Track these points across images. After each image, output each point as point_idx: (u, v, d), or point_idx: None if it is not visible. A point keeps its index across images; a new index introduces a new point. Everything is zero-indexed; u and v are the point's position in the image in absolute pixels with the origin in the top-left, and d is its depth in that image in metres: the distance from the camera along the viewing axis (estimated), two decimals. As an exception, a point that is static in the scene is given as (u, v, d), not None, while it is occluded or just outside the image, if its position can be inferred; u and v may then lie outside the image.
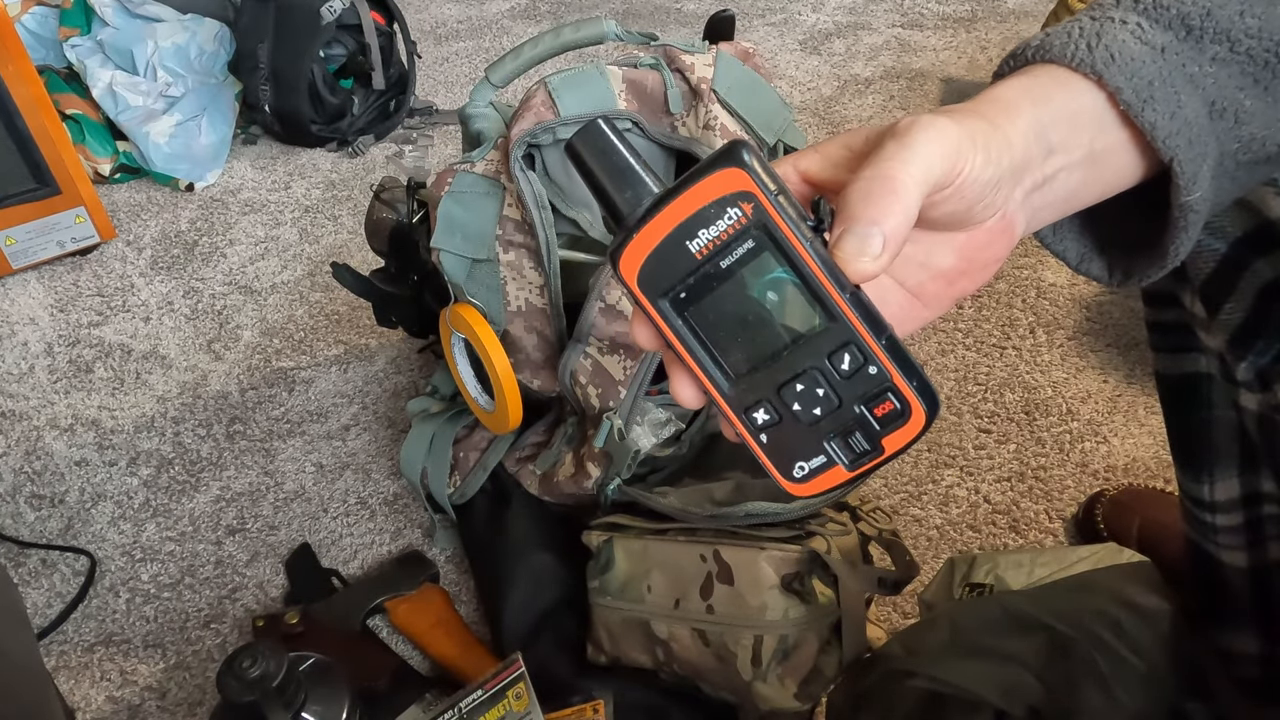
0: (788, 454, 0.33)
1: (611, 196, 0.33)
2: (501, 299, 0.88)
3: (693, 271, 0.32)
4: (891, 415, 0.32)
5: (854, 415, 0.32)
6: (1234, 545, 0.64)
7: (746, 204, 0.31)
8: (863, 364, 0.31)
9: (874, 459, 0.33)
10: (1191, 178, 0.35)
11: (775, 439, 0.33)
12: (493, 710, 0.75)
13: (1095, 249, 0.42)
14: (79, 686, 0.94)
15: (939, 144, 0.31)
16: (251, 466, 1.15)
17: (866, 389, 0.32)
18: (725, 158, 0.31)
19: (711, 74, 0.88)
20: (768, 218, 0.31)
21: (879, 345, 0.31)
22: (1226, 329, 0.52)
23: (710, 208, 0.31)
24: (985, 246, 0.35)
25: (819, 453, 0.33)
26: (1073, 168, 0.35)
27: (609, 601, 0.82)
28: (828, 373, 0.32)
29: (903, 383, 0.32)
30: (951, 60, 1.95)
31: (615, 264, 0.33)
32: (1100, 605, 0.68)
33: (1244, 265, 0.50)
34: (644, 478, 0.91)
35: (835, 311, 0.31)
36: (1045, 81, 0.35)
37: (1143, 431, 1.12)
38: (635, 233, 0.32)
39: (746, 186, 0.31)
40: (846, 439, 0.33)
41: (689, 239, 0.31)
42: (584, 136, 0.33)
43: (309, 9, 1.63)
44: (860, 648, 0.76)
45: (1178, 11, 0.36)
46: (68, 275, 1.48)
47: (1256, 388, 0.53)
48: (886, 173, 0.31)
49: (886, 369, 0.32)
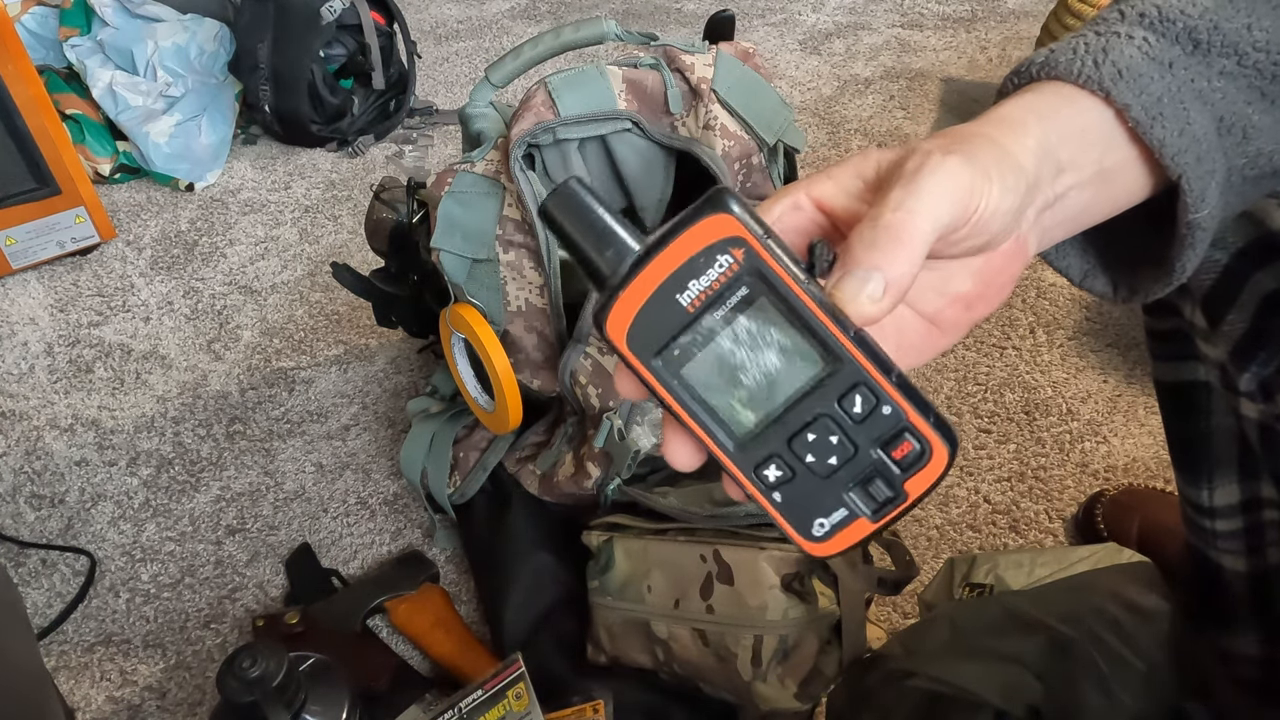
0: (805, 511, 0.31)
1: (591, 257, 0.31)
2: (501, 299, 0.88)
3: (686, 326, 0.30)
4: (911, 457, 0.30)
5: (872, 461, 0.30)
6: (1234, 550, 0.64)
7: (737, 250, 0.29)
8: (876, 405, 0.30)
9: (898, 506, 0.31)
10: (1200, 195, 0.35)
11: (790, 497, 0.31)
12: (493, 710, 0.75)
13: (1098, 265, 0.41)
14: (79, 686, 0.94)
15: (948, 187, 0.30)
16: (251, 466, 1.15)
17: (882, 431, 0.30)
18: (710, 205, 0.29)
19: (711, 74, 0.88)
20: (761, 262, 0.29)
21: (890, 384, 0.30)
22: (1228, 340, 0.52)
23: (699, 257, 0.29)
24: (1001, 269, 0.35)
25: (839, 506, 0.31)
26: (1083, 185, 0.35)
27: (609, 601, 0.82)
28: (840, 418, 0.30)
29: (919, 420, 0.30)
30: (951, 60, 1.95)
31: (601, 326, 0.31)
32: (1100, 605, 0.68)
33: (1246, 277, 0.50)
34: (644, 478, 0.91)
35: (841, 353, 0.30)
36: (1052, 99, 0.35)
37: (1143, 431, 1.12)
38: (620, 291, 0.30)
39: (735, 232, 0.29)
40: (867, 488, 0.31)
41: (679, 292, 0.30)
42: (557, 199, 0.31)
43: (309, 9, 1.63)
44: (860, 648, 0.76)
45: (1184, 25, 0.36)
46: (68, 275, 1.48)
47: (1259, 399, 0.53)
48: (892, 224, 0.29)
49: (901, 407, 0.30)
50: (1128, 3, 0.38)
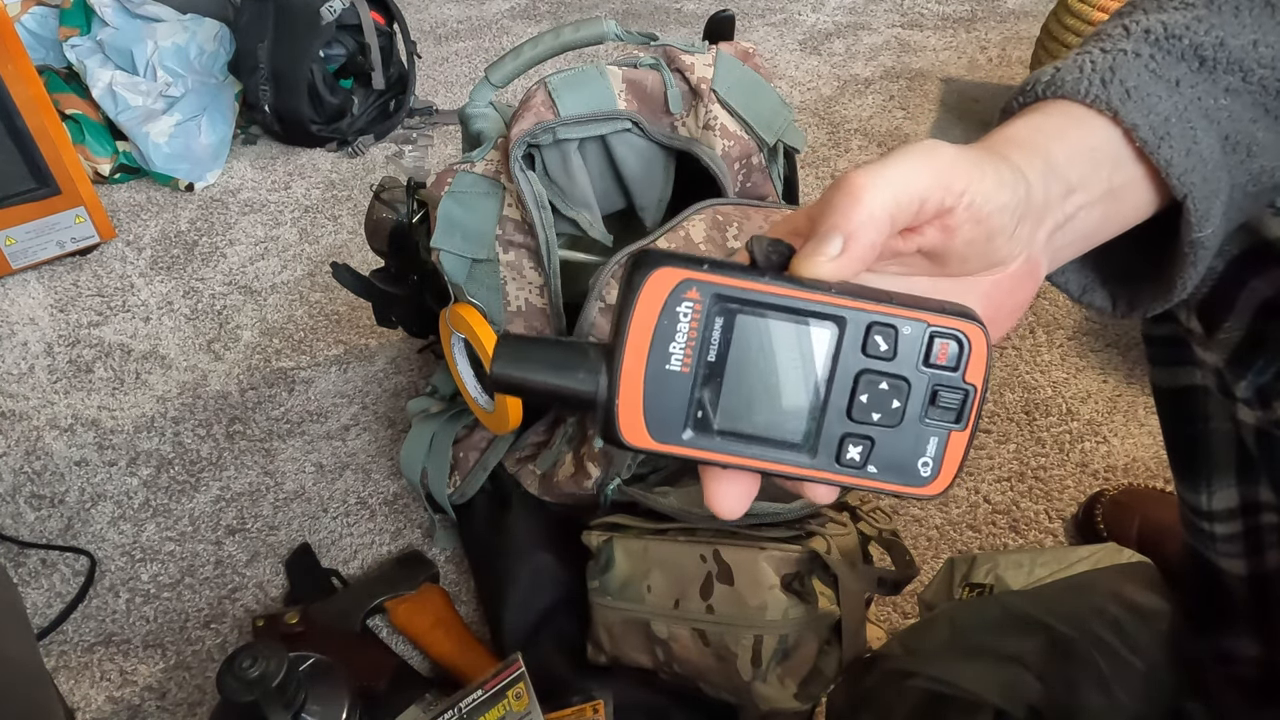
0: (904, 464, 0.31)
1: (568, 389, 0.30)
2: (501, 299, 0.88)
3: (692, 386, 0.30)
4: (954, 353, 0.30)
5: (927, 380, 0.30)
6: (1232, 553, 0.64)
7: (690, 291, 0.29)
8: (896, 332, 0.30)
9: (973, 400, 0.31)
10: (1204, 214, 0.35)
11: (882, 461, 0.31)
12: (493, 710, 0.75)
13: (1097, 280, 0.41)
14: (79, 686, 0.94)
15: (923, 159, 0.30)
16: (251, 466, 1.15)
17: (916, 350, 0.30)
18: (641, 269, 0.29)
19: (711, 74, 0.88)
20: (717, 286, 0.29)
21: (894, 306, 0.30)
22: (1225, 347, 0.52)
23: (663, 320, 0.29)
24: (1012, 291, 0.34)
25: (928, 438, 0.31)
26: (1092, 205, 0.34)
27: (609, 601, 0.82)
28: (876, 365, 0.30)
29: (940, 319, 0.30)
30: (951, 60, 1.95)
31: (619, 442, 0.30)
32: (1100, 605, 0.68)
33: (1242, 284, 0.50)
34: (644, 478, 0.91)
35: (835, 311, 0.29)
36: (1059, 119, 0.34)
37: (1143, 431, 1.12)
38: (615, 400, 0.30)
39: (679, 277, 0.29)
40: (937, 404, 0.31)
41: (665, 362, 0.29)
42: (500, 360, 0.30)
43: (309, 9, 1.63)
44: (860, 648, 0.76)
45: (1190, 42, 0.36)
46: (68, 275, 1.48)
47: (1256, 405, 0.53)
48: (848, 181, 0.29)
49: (919, 319, 0.30)
50: (1132, 18, 0.38)
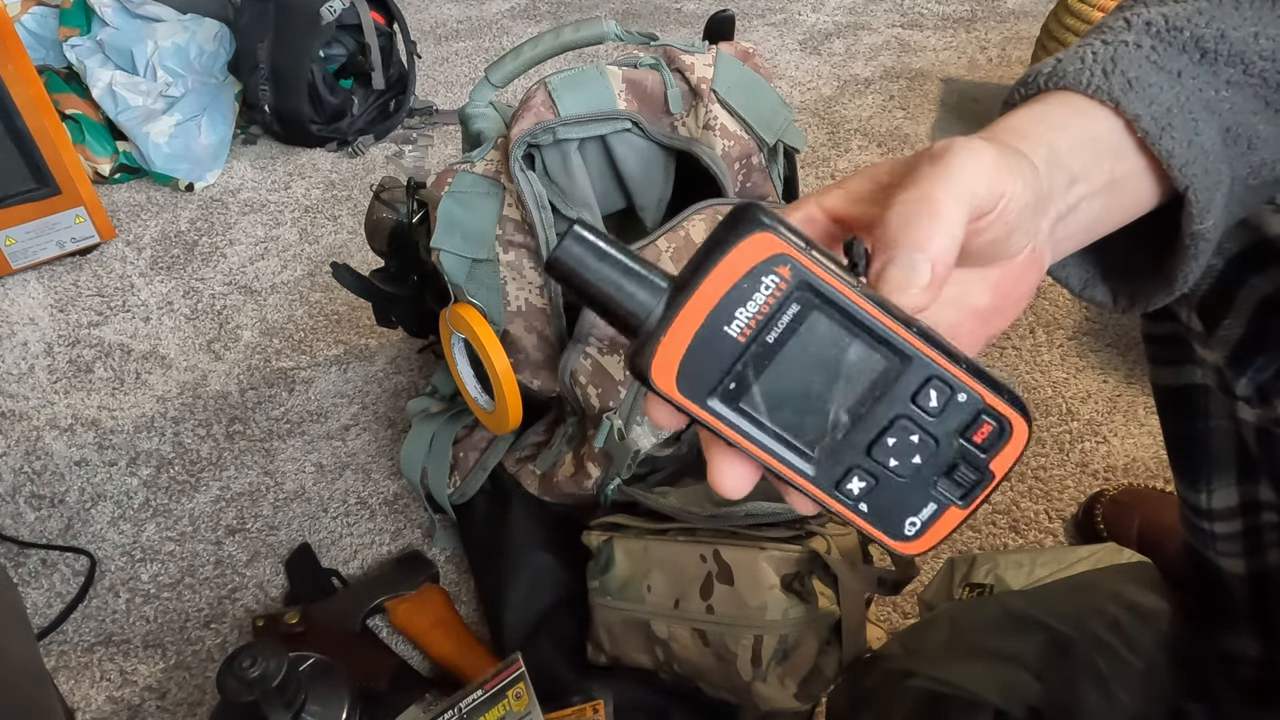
0: (894, 515, 0.30)
1: (618, 303, 0.29)
2: (501, 299, 0.88)
3: (739, 357, 0.28)
4: (992, 437, 0.29)
5: (955, 450, 0.30)
6: (1232, 552, 0.64)
7: (783, 267, 0.28)
8: (951, 395, 0.29)
9: (986, 487, 0.30)
10: (1205, 206, 0.35)
11: (876, 504, 0.30)
12: (493, 710, 0.75)
13: (1097, 275, 0.41)
14: (79, 686, 0.94)
15: (978, 164, 0.29)
16: (251, 466, 1.15)
17: (961, 419, 0.29)
18: (744, 224, 0.28)
19: (711, 74, 0.88)
20: (810, 275, 0.28)
21: (962, 370, 0.29)
22: (1225, 345, 0.52)
23: (743, 283, 0.28)
24: (1018, 281, 0.34)
25: (927, 501, 0.30)
26: (1094, 196, 0.34)
27: (609, 601, 0.82)
28: (917, 416, 0.29)
29: (996, 400, 0.29)
30: (951, 60, 1.95)
31: (645, 376, 0.29)
32: (1100, 605, 0.68)
33: (1242, 281, 0.50)
34: (644, 478, 0.91)
35: (908, 351, 0.28)
36: (1061, 110, 0.34)
37: (1143, 431, 1.12)
38: (661, 335, 0.28)
39: (778, 249, 0.27)
40: (952, 476, 0.30)
41: (726, 324, 0.28)
42: (569, 246, 0.29)
43: (309, 9, 1.63)
44: (860, 648, 0.76)
45: (1191, 34, 0.36)
46: (68, 275, 1.48)
47: (1256, 403, 0.53)
48: (927, 194, 0.28)
49: (977, 392, 0.29)
50: (1133, 10, 0.38)
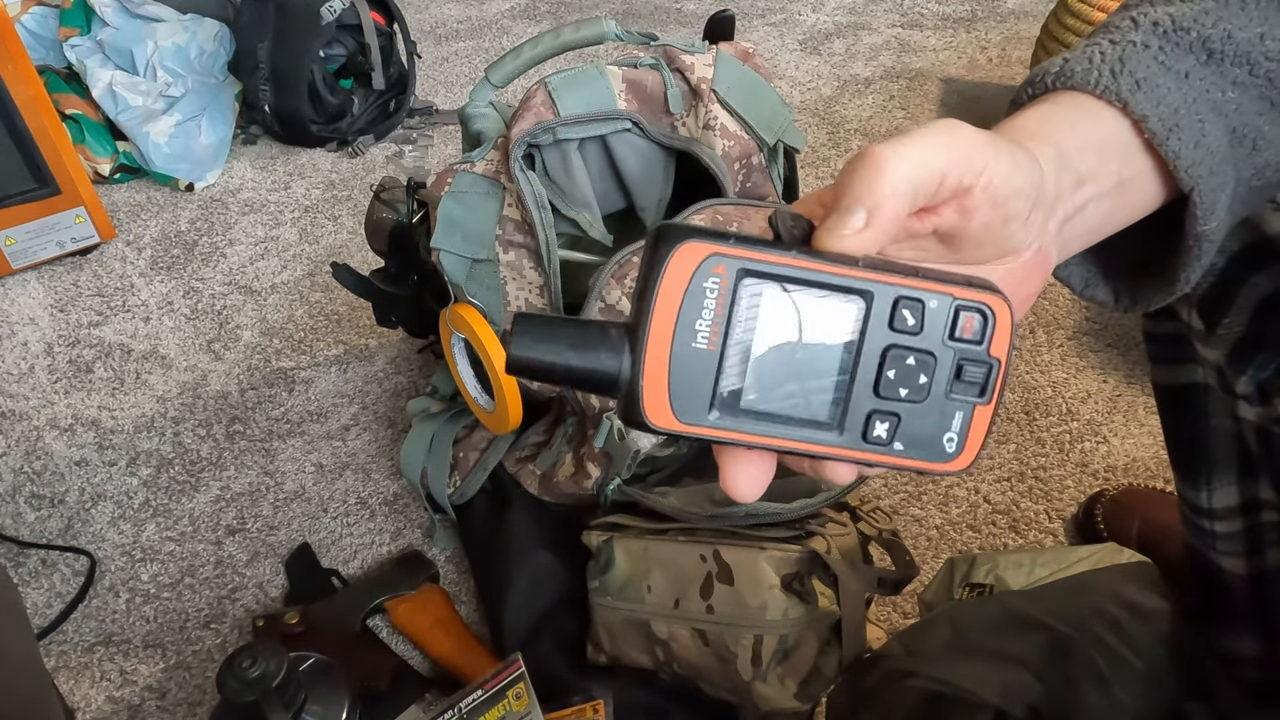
0: (928, 439, 0.31)
1: (590, 370, 0.29)
2: (501, 299, 0.88)
3: (719, 364, 0.29)
4: (979, 326, 0.30)
5: (953, 354, 0.30)
6: (1233, 552, 0.64)
7: (717, 266, 0.28)
8: (923, 306, 0.29)
9: (997, 374, 0.30)
10: (1210, 208, 0.35)
11: (908, 437, 0.30)
12: (493, 710, 0.75)
13: (1099, 274, 0.41)
14: (79, 686, 0.94)
15: (945, 136, 0.29)
16: (251, 466, 1.15)
17: (943, 323, 0.30)
18: (664, 244, 0.28)
19: (711, 74, 0.88)
20: (743, 261, 0.28)
21: (921, 280, 0.29)
22: (1225, 343, 0.52)
23: (689, 296, 0.28)
24: (1024, 280, 0.34)
25: (953, 412, 0.30)
26: (1101, 197, 0.34)
27: (609, 601, 0.82)
28: (903, 340, 0.29)
29: (966, 292, 0.30)
30: (951, 60, 1.95)
31: (644, 424, 0.29)
32: (1100, 605, 0.68)
33: (1242, 280, 0.50)
34: (644, 478, 0.91)
35: (864, 286, 0.29)
36: (1069, 110, 0.34)
37: (1143, 431, 1.12)
38: (640, 380, 0.29)
39: (705, 251, 0.28)
40: (962, 379, 0.30)
41: (692, 340, 0.29)
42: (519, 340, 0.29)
43: (309, 9, 1.63)
44: (860, 648, 0.76)
45: (1198, 34, 0.36)
46: (68, 275, 1.48)
47: (1256, 401, 0.53)
48: (871, 153, 0.29)
49: (945, 292, 0.29)
50: (1139, 10, 0.38)
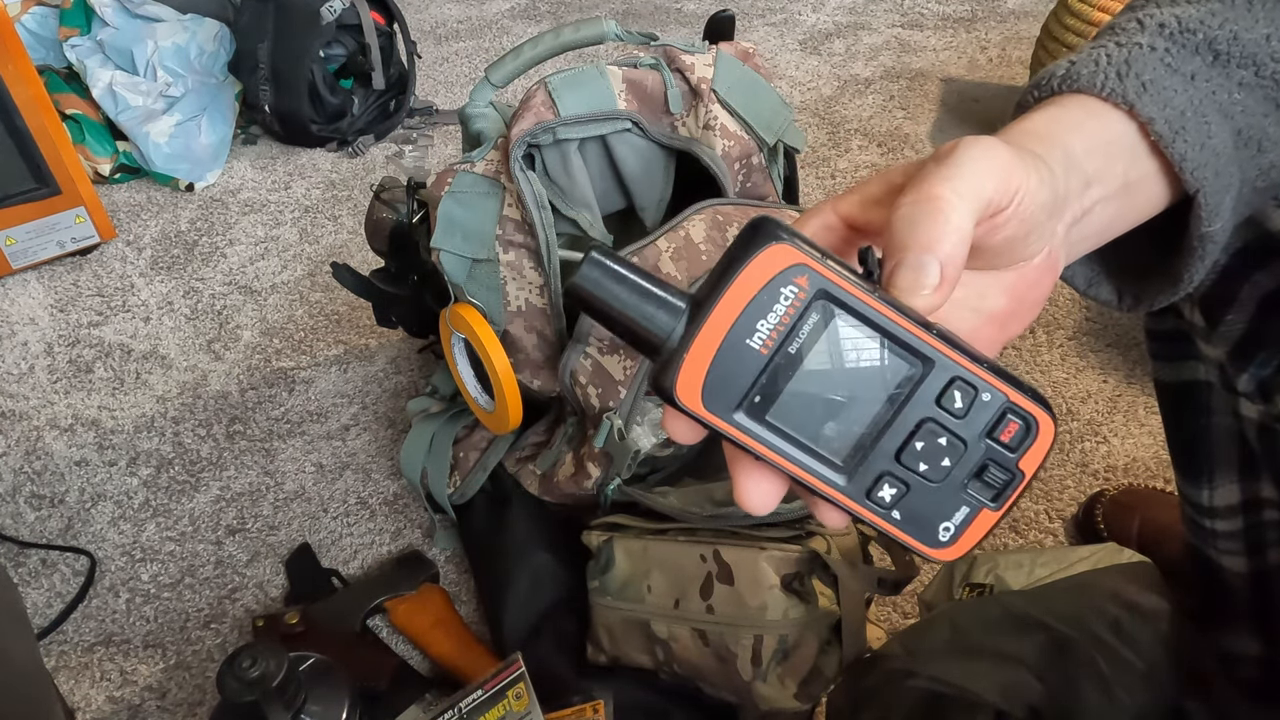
0: (928, 521, 0.30)
1: (638, 324, 0.29)
2: (501, 299, 0.88)
3: (763, 369, 0.29)
4: (1019, 435, 0.29)
5: (984, 451, 0.30)
6: (1234, 550, 0.64)
7: (800, 277, 0.28)
8: (975, 395, 0.29)
9: (1017, 487, 0.30)
10: (1214, 209, 0.35)
11: (909, 510, 0.30)
12: (493, 710, 0.75)
13: (1104, 274, 0.41)
14: (79, 686, 0.94)
15: (987, 161, 0.29)
16: (251, 466, 1.15)
17: (987, 419, 0.29)
18: (760, 237, 0.28)
19: (711, 74, 0.88)
20: (828, 283, 0.28)
21: (984, 370, 0.29)
22: (1227, 340, 0.52)
23: (762, 295, 0.28)
24: (1034, 285, 0.34)
25: (960, 505, 0.30)
26: (1109, 199, 0.34)
27: (609, 601, 0.82)
28: (943, 419, 0.29)
29: (1020, 398, 0.29)
30: (951, 60, 1.95)
31: (670, 395, 0.29)
32: (1100, 605, 0.68)
33: (1244, 277, 0.50)
34: (644, 478, 0.91)
35: (930, 353, 0.29)
36: (1076, 112, 0.34)
37: (1143, 431, 1.12)
38: (684, 353, 0.28)
39: (794, 260, 0.28)
40: (982, 478, 0.30)
41: (748, 336, 0.28)
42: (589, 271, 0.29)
43: (309, 9, 1.63)
44: (860, 648, 0.76)
45: (1205, 36, 0.36)
46: (68, 275, 1.48)
47: (1258, 399, 0.53)
48: (932, 193, 0.28)
49: (1001, 390, 0.29)
50: (1145, 11, 0.38)
